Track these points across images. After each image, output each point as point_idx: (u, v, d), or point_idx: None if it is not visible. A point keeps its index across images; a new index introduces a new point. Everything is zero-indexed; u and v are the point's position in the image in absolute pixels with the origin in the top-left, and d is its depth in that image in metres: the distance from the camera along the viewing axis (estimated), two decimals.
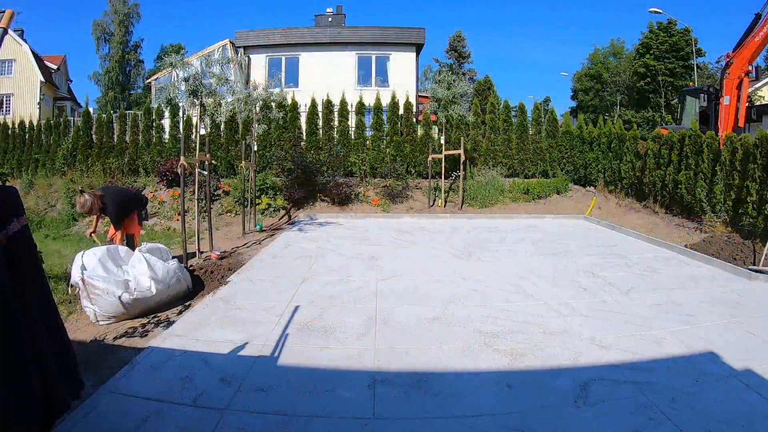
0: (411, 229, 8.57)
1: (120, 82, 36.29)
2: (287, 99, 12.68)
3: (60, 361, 1.93)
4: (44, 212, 12.34)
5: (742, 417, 2.37)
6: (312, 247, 6.81)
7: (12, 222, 1.76)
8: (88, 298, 3.64)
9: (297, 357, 3.08)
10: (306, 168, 11.07)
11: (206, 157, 6.40)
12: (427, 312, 3.96)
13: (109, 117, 14.04)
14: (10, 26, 1.71)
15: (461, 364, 2.99)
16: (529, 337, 3.42)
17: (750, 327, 3.63)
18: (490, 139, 12.69)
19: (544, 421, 2.36)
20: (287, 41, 19.66)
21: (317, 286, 4.75)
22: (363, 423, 2.33)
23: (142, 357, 3.01)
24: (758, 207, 6.79)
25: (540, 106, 13.04)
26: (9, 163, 14.52)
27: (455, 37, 36.46)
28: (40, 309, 1.86)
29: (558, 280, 5.03)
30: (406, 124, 12.73)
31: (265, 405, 2.47)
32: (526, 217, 10.18)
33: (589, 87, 38.69)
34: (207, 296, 4.38)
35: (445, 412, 2.44)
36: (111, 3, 35.33)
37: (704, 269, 5.59)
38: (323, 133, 12.77)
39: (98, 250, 3.98)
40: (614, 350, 3.20)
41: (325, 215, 10.20)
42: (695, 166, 8.29)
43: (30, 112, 23.30)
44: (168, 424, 2.28)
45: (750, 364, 2.94)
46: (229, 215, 10.05)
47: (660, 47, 31.34)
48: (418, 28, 19.95)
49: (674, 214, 8.85)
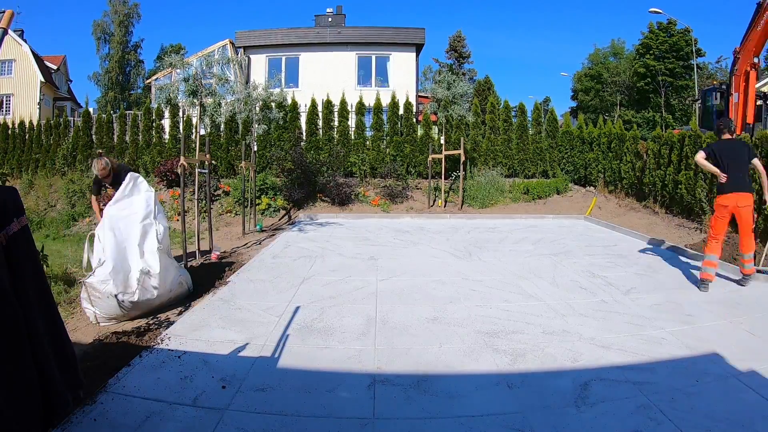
0: (411, 230, 8.57)
1: (120, 82, 36.31)
2: (287, 99, 12.69)
3: (60, 361, 1.93)
4: (44, 212, 12.35)
5: (742, 417, 2.36)
6: (312, 247, 6.82)
7: (12, 222, 1.76)
8: (88, 299, 3.63)
9: (297, 357, 3.08)
10: (306, 168, 11.07)
11: (206, 157, 6.40)
12: (427, 312, 3.96)
13: (109, 117, 14.05)
14: (10, 26, 1.71)
15: (461, 364, 2.99)
16: (529, 337, 3.42)
17: (750, 327, 3.63)
18: (490, 139, 12.69)
19: (545, 421, 2.36)
20: (287, 41, 19.66)
21: (317, 286, 4.75)
22: (363, 423, 2.33)
23: (142, 357, 3.01)
24: (758, 207, 6.78)
25: (540, 106, 13.05)
26: (9, 163, 14.52)
27: (455, 37, 36.49)
28: (40, 309, 1.86)
29: (558, 280, 5.03)
30: (406, 125, 12.74)
31: (266, 405, 2.47)
32: (526, 217, 10.18)
33: (589, 87, 38.70)
34: (207, 296, 4.38)
35: (445, 412, 2.44)
36: (111, 3, 35.35)
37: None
38: (323, 133, 12.78)
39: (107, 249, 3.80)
40: (614, 350, 3.19)
41: (325, 215, 10.20)
42: (695, 166, 8.28)
43: (30, 113, 23.33)
44: (168, 424, 2.28)
45: (750, 364, 2.94)
46: (229, 215, 10.05)
47: (660, 47, 31.36)
48: (418, 28, 19.96)
49: (674, 214, 8.85)
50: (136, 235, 3.91)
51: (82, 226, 11.24)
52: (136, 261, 3.88)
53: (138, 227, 3.94)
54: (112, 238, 3.80)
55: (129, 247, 3.90)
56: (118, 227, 3.87)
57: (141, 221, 3.96)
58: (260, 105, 8.37)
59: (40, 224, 11.41)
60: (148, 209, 4.03)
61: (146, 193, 4.10)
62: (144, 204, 4.03)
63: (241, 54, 19.93)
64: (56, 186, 13.15)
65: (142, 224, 3.96)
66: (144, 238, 3.96)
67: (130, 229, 3.92)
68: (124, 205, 3.99)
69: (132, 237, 3.90)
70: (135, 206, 4.00)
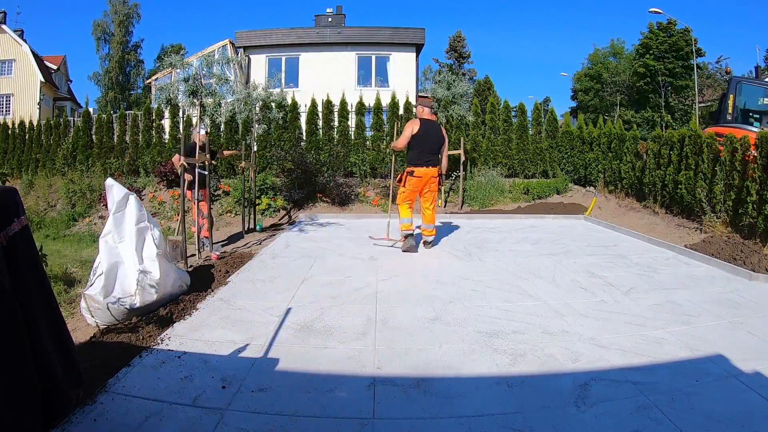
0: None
1: (120, 82, 36.31)
2: (287, 99, 12.69)
3: (63, 360, 1.93)
4: (44, 212, 12.35)
5: (742, 417, 2.36)
6: (312, 247, 6.81)
7: (12, 222, 1.76)
8: (88, 310, 3.62)
9: (297, 357, 3.08)
10: (306, 168, 11.07)
11: (206, 158, 6.41)
12: (427, 312, 3.96)
13: (109, 117, 14.04)
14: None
15: (461, 364, 2.99)
16: (529, 337, 3.42)
17: (750, 327, 3.63)
18: (490, 140, 12.69)
19: (545, 421, 2.36)
20: (287, 41, 19.67)
21: (317, 286, 4.75)
22: (363, 423, 2.33)
23: (142, 357, 3.01)
24: (758, 207, 6.78)
25: (540, 106, 13.04)
26: (9, 163, 14.53)
27: (455, 37, 36.52)
28: (41, 309, 1.86)
29: (558, 280, 5.03)
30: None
31: (266, 405, 2.47)
32: (526, 217, 10.18)
33: (589, 87, 38.70)
34: (207, 296, 4.37)
35: (445, 412, 2.44)
36: (111, 3, 35.37)
37: (704, 269, 5.59)
38: (323, 134, 12.78)
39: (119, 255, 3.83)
40: (614, 350, 3.19)
41: (325, 215, 10.20)
42: (695, 166, 8.29)
43: (30, 113, 23.34)
44: (168, 424, 2.28)
45: (751, 364, 2.94)
46: (229, 215, 10.05)
47: (660, 47, 31.33)
48: (417, 28, 19.98)
49: (674, 214, 8.85)
50: (131, 240, 3.92)
51: (82, 226, 11.25)
52: (135, 267, 3.86)
53: (133, 230, 3.94)
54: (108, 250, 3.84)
55: (127, 254, 3.90)
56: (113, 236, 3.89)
57: (135, 224, 3.96)
58: (260, 105, 8.36)
59: (40, 224, 11.41)
60: (140, 212, 4.05)
61: (132, 200, 4.10)
62: (135, 209, 4.03)
63: (241, 54, 19.94)
64: (56, 186, 13.14)
65: (137, 227, 3.95)
66: (141, 243, 3.96)
67: (126, 234, 3.93)
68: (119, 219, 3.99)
69: (128, 242, 3.91)
70: (127, 215, 4.01)
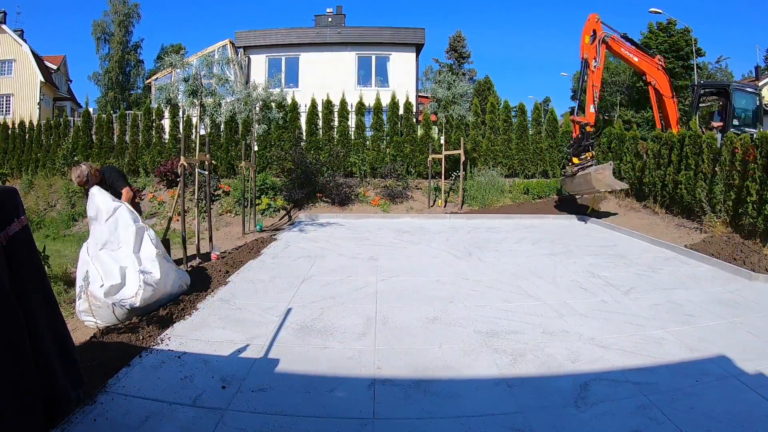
0: (411, 230, 8.57)
1: (120, 82, 36.24)
2: (287, 99, 12.68)
3: (63, 359, 1.94)
4: (44, 212, 12.34)
5: (742, 417, 2.37)
6: (312, 247, 6.81)
7: (13, 222, 1.76)
8: (89, 310, 3.63)
9: (297, 357, 3.08)
10: (306, 168, 11.07)
11: (206, 157, 6.40)
12: (427, 312, 3.96)
13: (109, 117, 14.03)
14: None
15: (461, 364, 2.99)
16: (529, 337, 3.42)
17: (750, 327, 3.63)
18: (490, 139, 12.70)
19: (544, 421, 2.36)
20: (287, 41, 19.65)
21: (317, 286, 4.75)
22: (363, 423, 2.33)
23: (142, 357, 3.01)
24: (758, 207, 6.78)
25: (540, 106, 13.05)
26: (9, 163, 14.52)
27: (455, 37, 36.50)
28: (41, 308, 1.86)
29: (558, 280, 5.03)
30: (406, 125, 12.74)
31: (266, 405, 2.47)
32: (526, 217, 10.18)
33: None
34: (207, 297, 4.37)
35: (444, 412, 2.44)
36: (111, 3, 35.29)
37: (704, 269, 5.59)
38: (323, 134, 12.78)
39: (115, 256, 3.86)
40: (614, 350, 3.20)
41: (325, 215, 10.20)
42: (695, 166, 8.29)
43: (30, 113, 23.33)
44: (168, 424, 2.28)
45: (750, 364, 2.94)
46: (229, 215, 10.05)
47: (660, 47, 31.29)
48: (417, 28, 19.95)
49: (674, 214, 8.85)
50: (130, 240, 3.95)
51: (82, 226, 11.23)
52: (135, 267, 3.88)
53: (131, 230, 3.97)
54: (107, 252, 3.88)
55: (126, 254, 3.92)
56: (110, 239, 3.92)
57: (133, 224, 4.00)
58: (260, 105, 8.36)
59: (40, 224, 11.40)
60: (133, 214, 4.09)
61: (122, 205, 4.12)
62: (126, 212, 4.05)
63: (241, 54, 19.93)
64: (56, 186, 13.13)
65: (135, 227, 3.99)
66: (139, 244, 4.00)
67: (124, 235, 3.96)
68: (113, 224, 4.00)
69: (127, 243, 3.94)
70: (120, 219, 4.03)
